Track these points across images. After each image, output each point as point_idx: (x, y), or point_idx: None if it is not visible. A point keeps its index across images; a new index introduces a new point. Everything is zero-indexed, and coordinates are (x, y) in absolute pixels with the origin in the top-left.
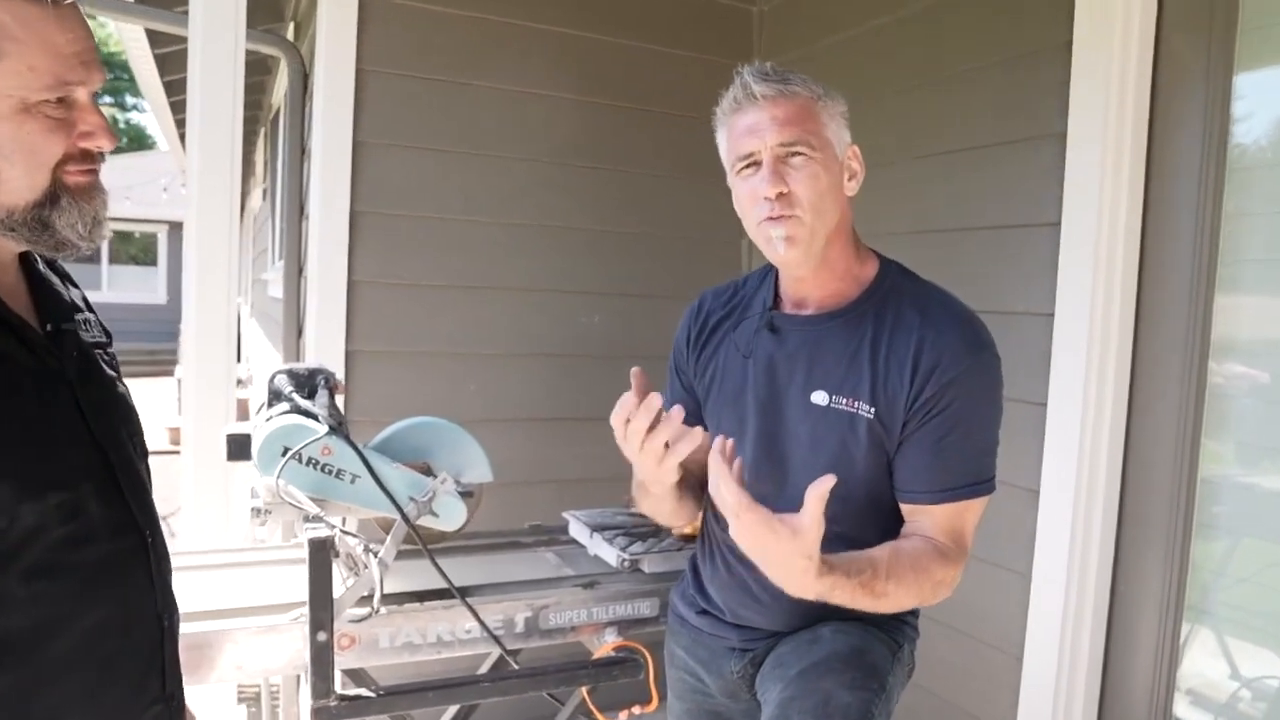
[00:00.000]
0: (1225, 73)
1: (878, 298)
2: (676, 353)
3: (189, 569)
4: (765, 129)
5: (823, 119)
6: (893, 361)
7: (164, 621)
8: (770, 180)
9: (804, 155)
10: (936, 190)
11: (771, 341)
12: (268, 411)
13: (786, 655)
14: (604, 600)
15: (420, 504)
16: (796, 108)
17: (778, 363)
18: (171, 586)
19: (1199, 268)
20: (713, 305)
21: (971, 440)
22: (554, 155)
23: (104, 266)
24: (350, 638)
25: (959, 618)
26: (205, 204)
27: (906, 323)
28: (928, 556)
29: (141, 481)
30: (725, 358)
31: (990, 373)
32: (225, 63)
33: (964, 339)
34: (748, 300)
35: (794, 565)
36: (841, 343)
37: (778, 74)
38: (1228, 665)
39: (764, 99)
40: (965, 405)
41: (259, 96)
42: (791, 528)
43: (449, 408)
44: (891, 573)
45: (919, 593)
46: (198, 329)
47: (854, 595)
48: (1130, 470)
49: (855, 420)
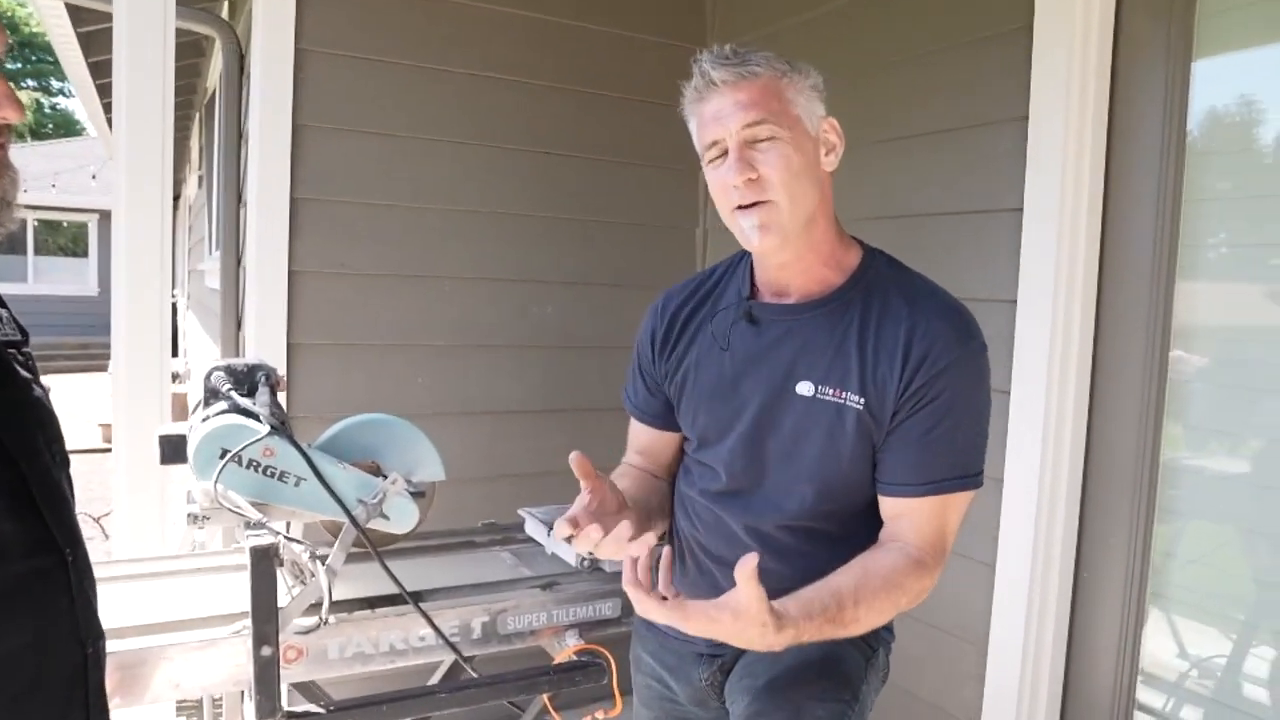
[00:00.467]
0: (1184, 56)
1: (863, 285)
2: (641, 355)
3: (122, 579)
4: (728, 114)
5: (788, 95)
6: (882, 351)
7: (87, 649)
8: (737, 167)
9: (772, 137)
10: (897, 174)
11: (750, 333)
12: (204, 411)
13: (755, 663)
14: (564, 602)
15: (369, 506)
16: (759, 88)
17: (757, 354)
18: (96, 609)
19: (1160, 253)
20: (678, 303)
21: (961, 432)
22: (504, 140)
23: (30, 258)
24: (297, 650)
25: (922, 609)
26: (135, 191)
27: (895, 311)
28: (901, 571)
29: (60, 494)
30: (699, 353)
31: (980, 363)
32: (154, 40)
33: (954, 328)
34: (719, 290)
35: (751, 636)
36: (826, 332)
37: (737, 56)
38: (1188, 649)
39: (724, 84)
40: (955, 396)
41: (193, 80)
42: (731, 610)
43: (397, 402)
44: (861, 598)
45: (894, 608)
46: (128, 322)
47: (823, 631)
48: (1093, 457)
49: (843, 411)
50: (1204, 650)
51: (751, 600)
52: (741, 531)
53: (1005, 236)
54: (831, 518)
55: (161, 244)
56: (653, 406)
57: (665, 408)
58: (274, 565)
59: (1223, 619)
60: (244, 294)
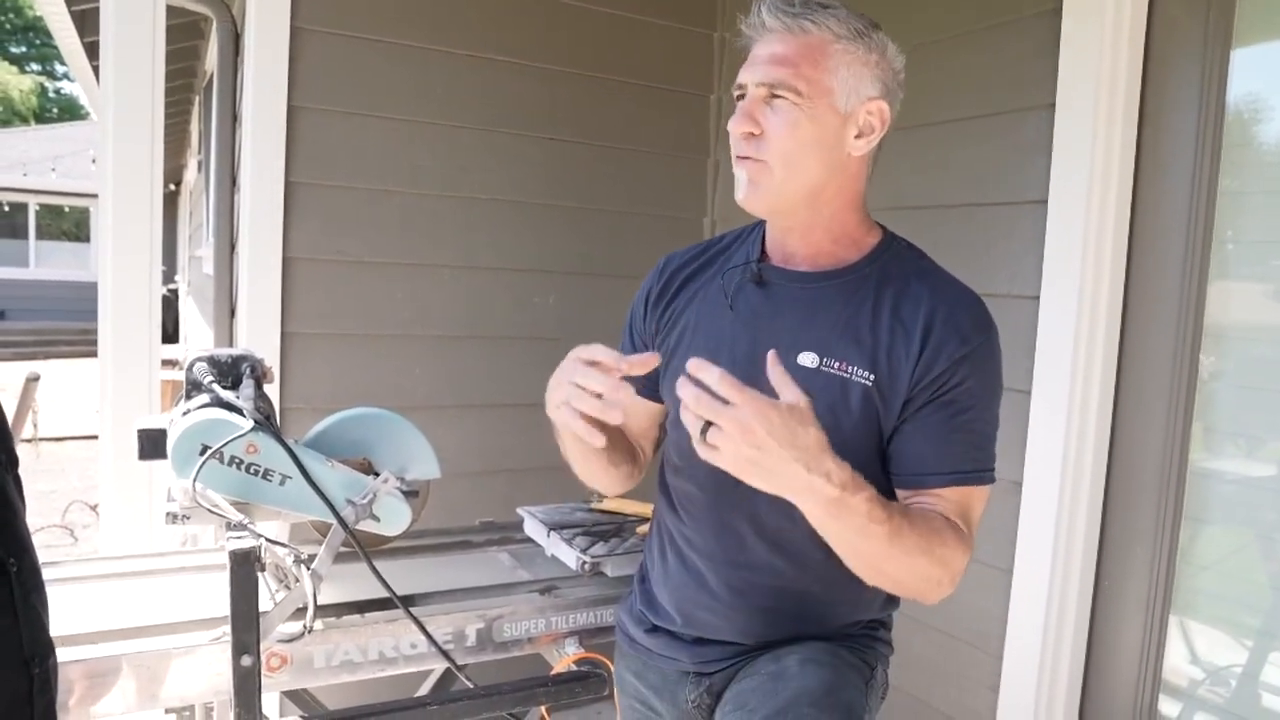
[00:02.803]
0: (1224, 43)
1: (880, 264)
2: (634, 315)
3: (104, 577)
4: (758, 64)
5: (830, 64)
6: (898, 330)
7: (33, 669)
8: (739, 118)
9: (787, 99)
10: (915, 165)
11: (757, 295)
12: (185, 404)
13: (749, 694)
14: (563, 608)
15: (359, 507)
16: (799, 46)
17: (762, 318)
18: (45, 623)
19: (1192, 249)
20: (680, 262)
21: (979, 423)
22: (508, 125)
23: (31, 242)
24: (281, 658)
25: (936, 615)
26: (122, 175)
27: (914, 293)
28: (941, 521)
29: (5, 498)
30: (700, 311)
31: (997, 355)
32: (143, 17)
33: (975, 317)
34: (727, 253)
35: (805, 448)
36: (838, 305)
37: (804, 5)
38: (1214, 661)
39: (769, 31)
40: (975, 385)
41: (193, 63)
42: (789, 403)
43: (394, 394)
44: (908, 515)
45: (928, 558)
46: (115, 310)
47: (873, 510)
48: (1116, 460)
49: (848, 386)
50: (1231, 663)
51: (800, 396)
52: (733, 519)
53: (1029, 230)
54: None
55: (151, 230)
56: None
57: (650, 375)
58: (255, 570)
59: (1253, 630)
60: (238, 281)
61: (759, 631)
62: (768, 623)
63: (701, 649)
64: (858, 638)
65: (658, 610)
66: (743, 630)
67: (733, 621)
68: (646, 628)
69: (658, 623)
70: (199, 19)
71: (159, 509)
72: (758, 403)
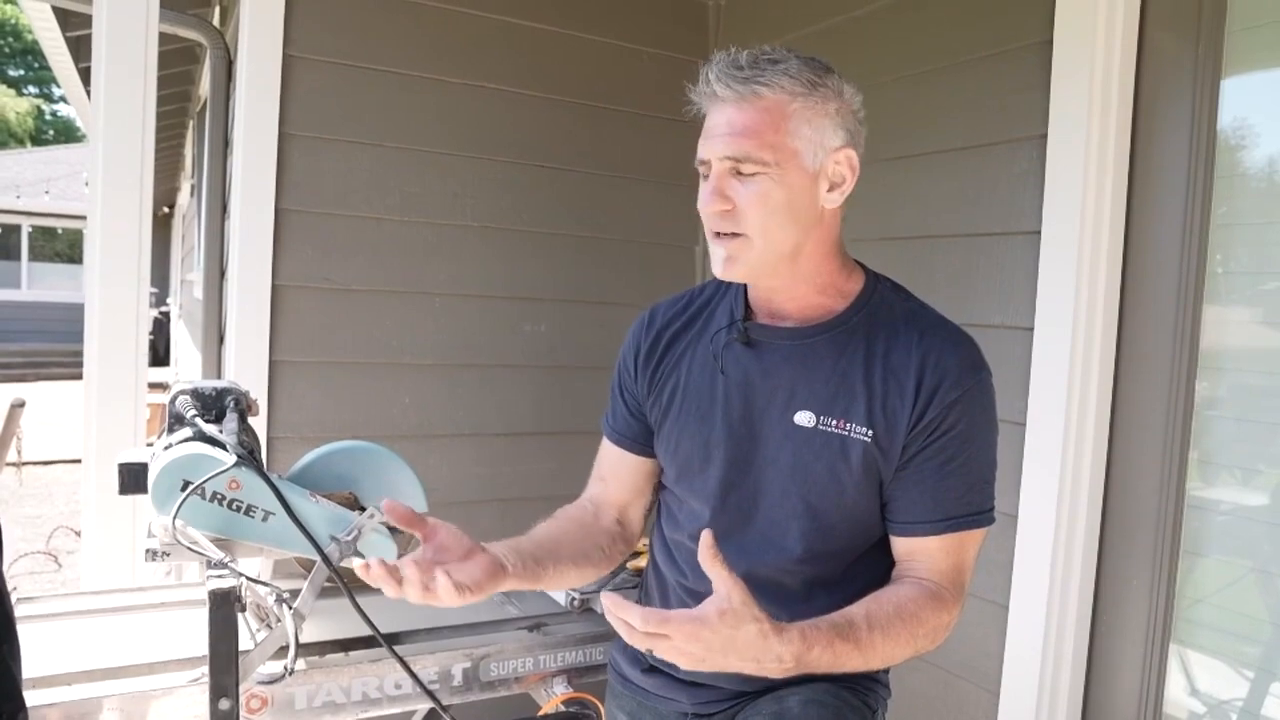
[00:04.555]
0: (1213, 72)
1: (867, 312)
2: (623, 372)
3: (84, 614)
4: (717, 137)
5: (791, 125)
6: (891, 381)
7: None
8: (709, 196)
9: (755, 173)
10: (907, 195)
11: (747, 356)
12: (168, 438)
13: None
14: (552, 646)
15: (343, 543)
16: (758, 112)
17: (754, 379)
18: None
19: (1186, 279)
20: (666, 317)
21: (974, 466)
22: (498, 152)
23: (24, 264)
24: (262, 699)
25: (933, 651)
26: (111, 197)
27: (904, 340)
28: (916, 602)
29: None
30: (688, 373)
31: (989, 395)
32: (135, 42)
33: (966, 359)
34: (710, 309)
35: (750, 644)
36: (830, 359)
37: (752, 66)
38: (1216, 696)
39: (724, 102)
40: (968, 429)
41: (188, 87)
42: (716, 609)
43: (382, 423)
44: (874, 623)
45: (912, 642)
46: (101, 332)
47: (836, 653)
48: (1113, 493)
49: (847, 444)
50: (1233, 696)
51: (731, 588)
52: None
53: (1022, 261)
54: (834, 560)
55: (140, 254)
56: (632, 429)
57: (645, 432)
58: (234, 610)
59: (1254, 662)
60: (226, 308)
61: (759, 678)
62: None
63: (701, 690)
64: (858, 679)
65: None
66: (743, 677)
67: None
68: (643, 667)
69: (655, 663)
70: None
71: (142, 539)
72: (687, 627)
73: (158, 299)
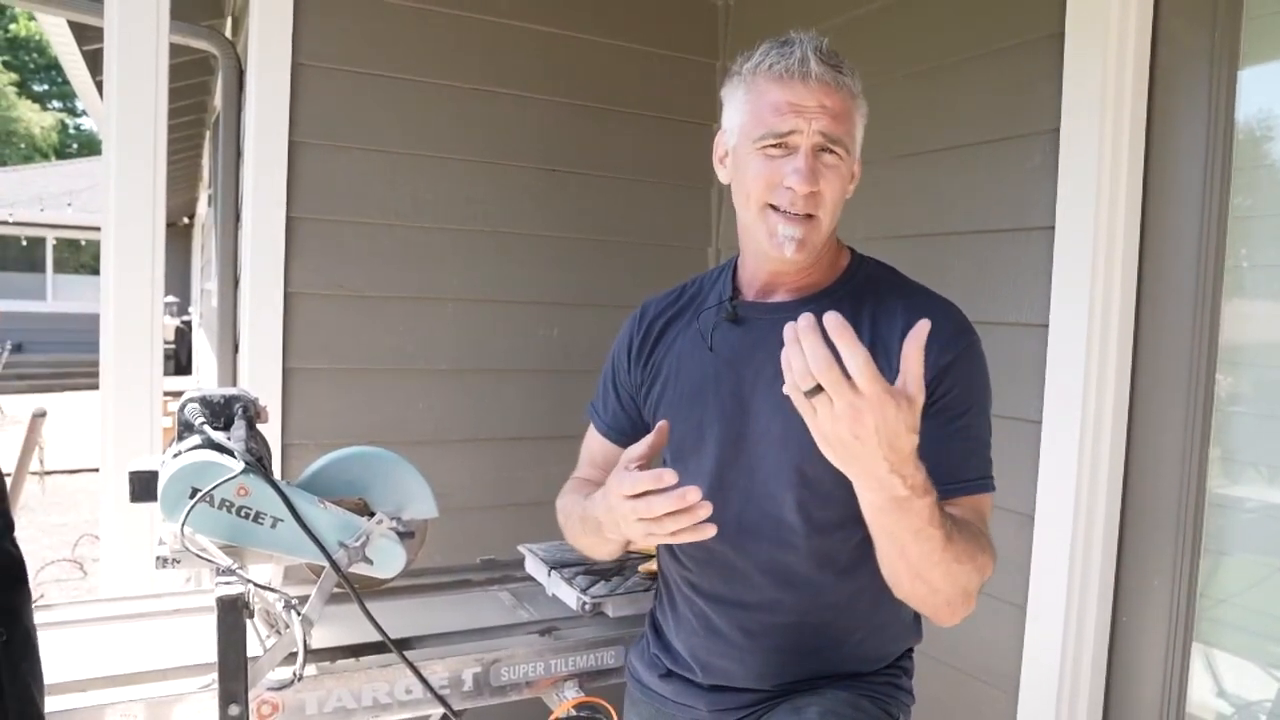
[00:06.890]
0: (1230, 62)
1: (854, 284)
2: (616, 364)
3: (100, 620)
4: (815, 114)
5: (855, 120)
6: (879, 346)
7: None
8: (807, 176)
9: (838, 155)
10: (918, 192)
11: (735, 333)
12: (177, 445)
13: None
14: (563, 650)
15: (352, 550)
16: (844, 100)
17: (742, 354)
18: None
19: (1204, 273)
20: (658, 308)
21: (975, 430)
22: (510, 157)
23: (49, 276)
24: (272, 705)
25: (948, 652)
26: (125, 208)
27: (889, 307)
28: (978, 529)
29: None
30: (680, 357)
31: (981, 358)
32: (145, 53)
33: (954, 324)
34: (700, 297)
35: (904, 446)
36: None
37: (835, 59)
38: (1240, 696)
39: (818, 81)
40: (964, 392)
41: (204, 98)
42: (907, 397)
43: (397, 429)
44: (957, 522)
45: (972, 565)
46: (116, 342)
47: (930, 517)
48: (1132, 491)
49: None
50: (1262, 697)
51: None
52: (735, 559)
53: (1036, 257)
54: (837, 534)
55: (154, 264)
56: (620, 421)
57: (633, 423)
58: (242, 617)
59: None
60: (240, 316)
61: (776, 674)
62: (784, 663)
63: (719, 696)
64: (879, 686)
65: (675, 657)
66: (759, 674)
67: (747, 665)
68: (661, 672)
69: (674, 668)
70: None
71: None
72: (883, 397)
73: (180, 308)
